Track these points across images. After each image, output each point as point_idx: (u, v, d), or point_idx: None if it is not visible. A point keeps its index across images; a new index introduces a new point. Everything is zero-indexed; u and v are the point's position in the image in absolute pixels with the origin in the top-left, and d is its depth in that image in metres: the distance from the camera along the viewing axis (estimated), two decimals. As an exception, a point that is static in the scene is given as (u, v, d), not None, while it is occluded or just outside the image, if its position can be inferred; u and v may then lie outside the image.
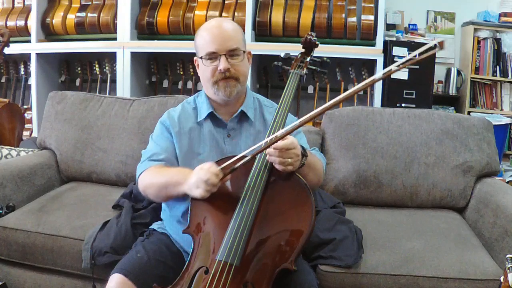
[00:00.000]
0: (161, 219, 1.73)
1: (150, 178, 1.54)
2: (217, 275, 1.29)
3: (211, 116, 1.63)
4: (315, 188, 1.69)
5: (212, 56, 1.53)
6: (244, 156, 1.39)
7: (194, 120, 1.64)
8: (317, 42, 1.73)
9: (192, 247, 1.41)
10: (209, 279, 1.29)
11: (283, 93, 1.59)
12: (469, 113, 3.93)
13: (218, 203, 1.43)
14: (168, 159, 1.59)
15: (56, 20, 3.95)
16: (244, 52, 1.57)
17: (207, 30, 1.56)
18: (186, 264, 1.39)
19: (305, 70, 1.68)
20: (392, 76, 3.63)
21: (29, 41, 3.94)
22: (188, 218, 1.45)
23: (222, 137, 1.62)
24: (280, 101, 1.56)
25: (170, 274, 1.47)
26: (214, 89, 1.56)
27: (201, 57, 1.56)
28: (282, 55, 1.75)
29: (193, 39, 1.63)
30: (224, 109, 1.62)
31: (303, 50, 1.74)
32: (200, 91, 1.70)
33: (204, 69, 1.56)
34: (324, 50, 1.80)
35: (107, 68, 4.07)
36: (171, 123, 1.64)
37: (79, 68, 4.22)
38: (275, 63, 1.74)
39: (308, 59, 1.72)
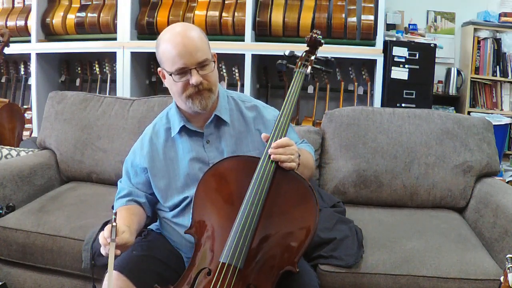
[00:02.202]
0: (160, 220, 1.72)
1: None
2: (221, 277, 1.27)
3: (184, 129, 1.59)
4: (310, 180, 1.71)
5: (182, 71, 1.45)
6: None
7: (167, 138, 1.62)
8: (322, 41, 1.71)
9: (194, 248, 1.40)
10: (212, 281, 1.27)
11: (289, 92, 1.55)
12: (469, 113, 3.93)
13: (221, 205, 1.42)
14: (133, 191, 1.63)
15: (56, 20, 3.94)
16: (213, 61, 1.51)
17: (171, 42, 1.46)
18: (188, 265, 1.39)
19: (309, 69, 1.65)
20: (392, 76, 3.65)
21: (29, 41, 3.93)
22: (191, 218, 1.44)
23: (201, 145, 1.58)
24: (285, 100, 1.53)
25: (166, 271, 1.47)
26: (188, 103, 1.50)
27: (170, 74, 1.47)
28: (286, 53, 1.70)
29: None
30: (198, 117, 1.58)
31: (307, 49, 1.72)
32: (172, 103, 1.65)
33: (173, 84, 1.49)
34: (324, 50, 1.78)
35: (107, 68, 4.07)
36: (141, 153, 1.62)
37: (79, 68, 4.21)
38: (280, 61, 1.70)
39: (313, 57, 1.69)
